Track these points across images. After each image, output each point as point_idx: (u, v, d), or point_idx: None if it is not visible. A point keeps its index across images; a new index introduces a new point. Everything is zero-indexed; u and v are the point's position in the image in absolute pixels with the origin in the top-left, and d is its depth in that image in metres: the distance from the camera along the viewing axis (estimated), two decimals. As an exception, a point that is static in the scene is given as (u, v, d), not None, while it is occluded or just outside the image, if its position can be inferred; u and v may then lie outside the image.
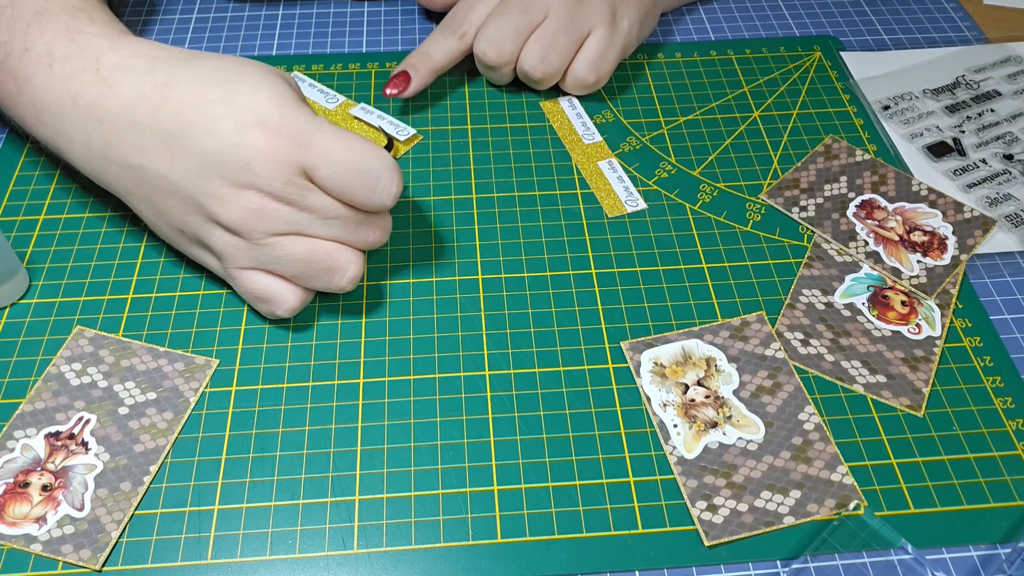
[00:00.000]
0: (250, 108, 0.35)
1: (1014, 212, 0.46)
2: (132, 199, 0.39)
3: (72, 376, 0.38)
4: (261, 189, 0.35)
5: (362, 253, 0.39)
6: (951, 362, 0.40)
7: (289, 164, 0.35)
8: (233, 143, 0.35)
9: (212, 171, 0.35)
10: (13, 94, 0.39)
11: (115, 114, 0.36)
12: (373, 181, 0.36)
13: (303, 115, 0.36)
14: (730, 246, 0.44)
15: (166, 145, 0.36)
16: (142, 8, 0.58)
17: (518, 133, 0.50)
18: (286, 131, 0.35)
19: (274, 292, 0.38)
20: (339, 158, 0.35)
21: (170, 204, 0.37)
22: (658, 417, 0.37)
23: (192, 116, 0.35)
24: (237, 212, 0.35)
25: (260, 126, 0.35)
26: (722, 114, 0.52)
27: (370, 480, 0.36)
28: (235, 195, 0.35)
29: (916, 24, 0.58)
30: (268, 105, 0.35)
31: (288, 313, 0.39)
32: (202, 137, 0.35)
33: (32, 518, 0.34)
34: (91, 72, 0.37)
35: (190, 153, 0.35)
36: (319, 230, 0.37)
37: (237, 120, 0.35)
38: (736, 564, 0.34)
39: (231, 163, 0.35)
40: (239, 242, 0.37)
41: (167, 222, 0.38)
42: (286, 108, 0.35)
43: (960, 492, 0.36)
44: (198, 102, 0.35)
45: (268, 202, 0.35)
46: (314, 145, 0.35)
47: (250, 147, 0.35)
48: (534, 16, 0.48)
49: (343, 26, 0.57)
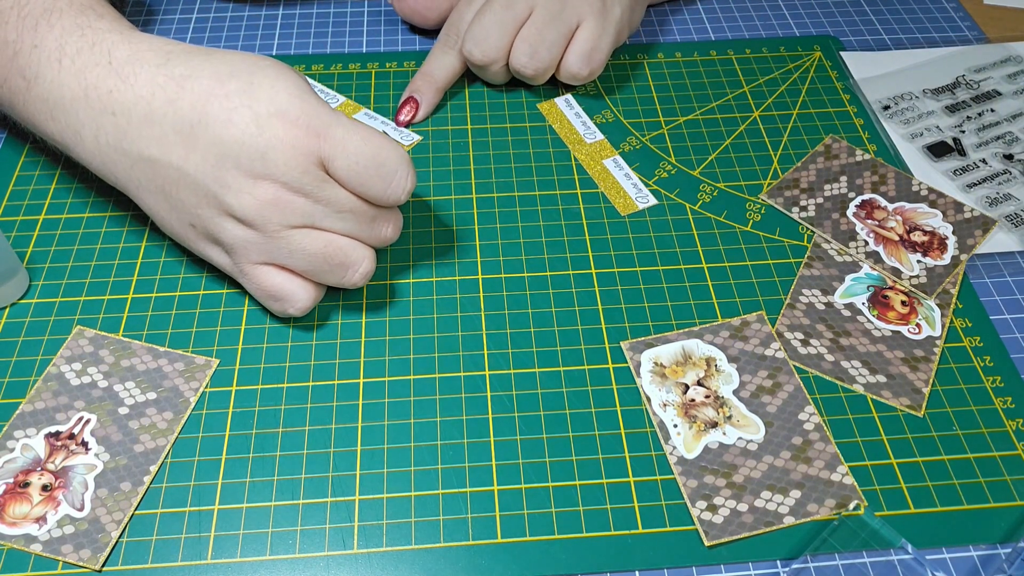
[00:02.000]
0: (269, 99, 0.35)
1: (1014, 212, 0.46)
2: (142, 193, 0.38)
3: (72, 376, 0.38)
4: (277, 180, 0.35)
5: (373, 250, 0.39)
6: (951, 362, 0.40)
7: (306, 154, 0.35)
8: (251, 133, 0.35)
9: (228, 161, 0.35)
10: (23, 91, 0.39)
11: (130, 106, 0.37)
12: (389, 174, 0.36)
13: (321, 107, 0.36)
14: (730, 246, 0.44)
15: (181, 136, 0.36)
16: (142, 8, 0.58)
17: (518, 133, 0.50)
18: (304, 121, 0.35)
19: (287, 290, 0.38)
20: (356, 150, 0.36)
21: (183, 196, 0.37)
22: (658, 417, 0.37)
23: (210, 107, 0.35)
24: (252, 203, 0.35)
25: (279, 116, 0.35)
26: (722, 114, 0.52)
27: (370, 480, 0.36)
28: (251, 186, 0.35)
29: (916, 24, 0.58)
30: (286, 96, 0.35)
31: (300, 312, 0.39)
32: (219, 127, 0.35)
33: (32, 518, 0.34)
34: (103, 65, 0.37)
35: (207, 144, 0.35)
36: (333, 224, 0.37)
37: (255, 111, 0.35)
38: (736, 564, 0.34)
39: (248, 153, 0.35)
40: (253, 235, 0.37)
41: (178, 216, 0.38)
42: (304, 100, 0.36)
43: (960, 492, 0.36)
44: (216, 93, 0.36)
45: (284, 193, 0.36)
46: (332, 136, 0.36)
47: (269, 136, 0.35)
48: (519, 12, 0.48)
49: (343, 26, 0.57)
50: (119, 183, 0.39)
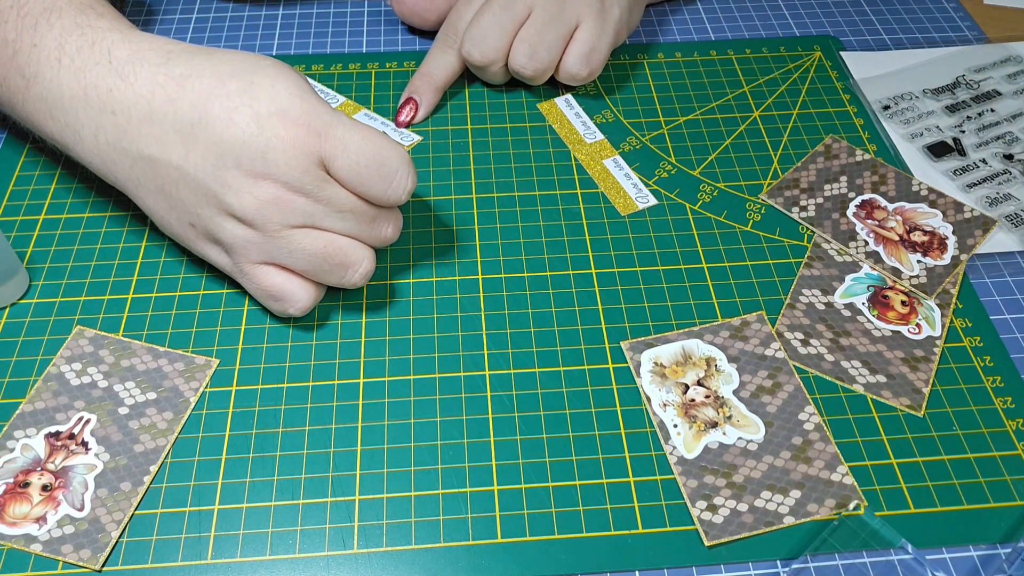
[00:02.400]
0: (269, 99, 0.35)
1: (1014, 212, 0.46)
2: (141, 193, 0.38)
3: (72, 376, 0.38)
4: (277, 179, 0.35)
5: (373, 250, 0.39)
6: (951, 362, 0.40)
7: (307, 153, 0.35)
8: (252, 132, 0.35)
9: (228, 161, 0.35)
10: (22, 90, 0.39)
11: (130, 105, 0.37)
12: (389, 174, 0.36)
13: (322, 107, 0.36)
14: (730, 246, 0.44)
15: (181, 135, 0.36)
16: (142, 8, 0.58)
17: (518, 133, 0.50)
18: (305, 120, 0.35)
19: (288, 290, 0.38)
20: (357, 149, 0.36)
21: (183, 196, 0.37)
22: (658, 417, 0.37)
23: (210, 106, 0.35)
24: (252, 203, 0.35)
25: (279, 116, 0.35)
26: (722, 114, 0.52)
27: (370, 480, 0.36)
28: (251, 185, 0.35)
29: (916, 24, 0.58)
30: (287, 96, 0.35)
31: (300, 312, 0.39)
32: (220, 127, 0.35)
33: (32, 518, 0.34)
34: (103, 64, 0.37)
35: (207, 143, 0.35)
36: (333, 224, 0.37)
37: (256, 110, 0.35)
38: (736, 564, 0.34)
39: (249, 152, 0.35)
40: (252, 235, 0.37)
41: (178, 216, 0.38)
42: (305, 99, 0.36)
43: (960, 492, 0.36)
44: (217, 93, 0.36)
45: (284, 193, 0.36)
46: (332, 136, 0.36)
47: (269, 136, 0.35)
48: (518, 12, 0.48)
49: (343, 26, 0.57)
50: (119, 182, 0.39)
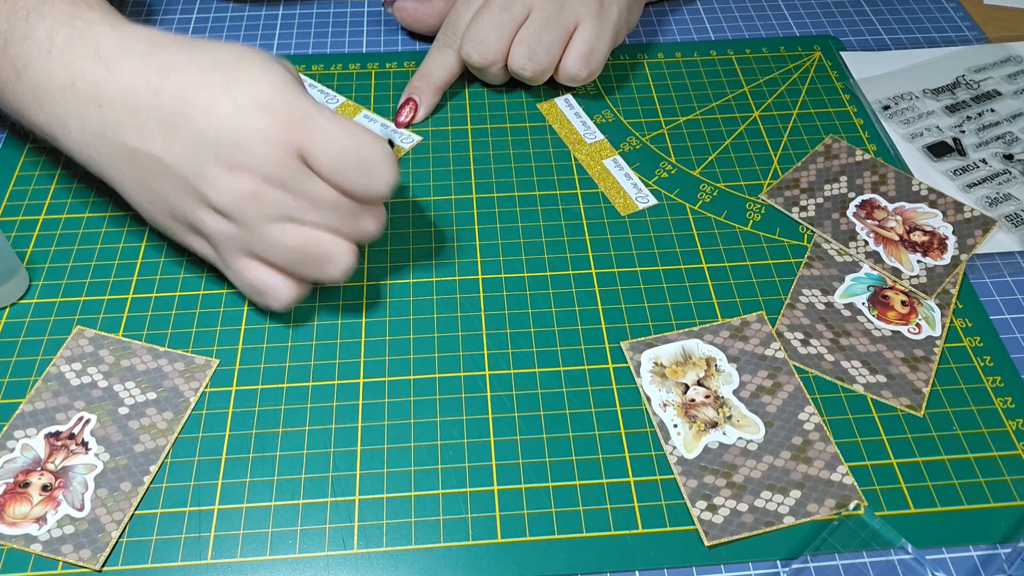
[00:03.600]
0: (250, 91, 0.35)
1: (1014, 212, 0.46)
2: (126, 185, 0.38)
3: (72, 376, 0.38)
4: (255, 171, 0.35)
5: (356, 245, 0.39)
6: (951, 362, 0.40)
7: (284, 145, 0.35)
8: (230, 124, 0.35)
9: (207, 153, 0.35)
10: (12, 81, 0.39)
11: (115, 97, 0.36)
12: (370, 168, 0.36)
13: (302, 99, 0.36)
14: (730, 246, 0.44)
15: (163, 126, 0.36)
16: (142, 8, 0.58)
17: (518, 133, 0.50)
18: (284, 112, 0.35)
19: (270, 284, 0.38)
20: (337, 142, 0.35)
21: (164, 188, 0.37)
22: (658, 417, 0.37)
23: (191, 98, 0.35)
24: (230, 195, 0.35)
25: (259, 108, 0.35)
26: (722, 114, 0.52)
27: (370, 480, 0.36)
28: (229, 178, 0.35)
29: (916, 24, 0.58)
30: (267, 88, 0.35)
31: (282, 307, 0.39)
32: (200, 118, 0.35)
33: (32, 518, 0.34)
34: (92, 56, 0.37)
35: (187, 135, 0.35)
36: (313, 218, 0.36)
37: (236, 102, 0.35)
38: (736, 564, 0.34)
39: (227, 144, 0.35)
40: (232, 228, 0.36)
41: (160, 208, 0.38)
42: (285, 91, 0.35)
43: (960, 492, 0.36)
44: (198, 83, 0.35)
45: (261, 186, 0.35)
46: (312, 128, 0.35)
47: (247, 128, 0.35)
48: (516, 13, 0.48)
49: (343, 26, 0.57)
50: (104, 175, 0.39)
